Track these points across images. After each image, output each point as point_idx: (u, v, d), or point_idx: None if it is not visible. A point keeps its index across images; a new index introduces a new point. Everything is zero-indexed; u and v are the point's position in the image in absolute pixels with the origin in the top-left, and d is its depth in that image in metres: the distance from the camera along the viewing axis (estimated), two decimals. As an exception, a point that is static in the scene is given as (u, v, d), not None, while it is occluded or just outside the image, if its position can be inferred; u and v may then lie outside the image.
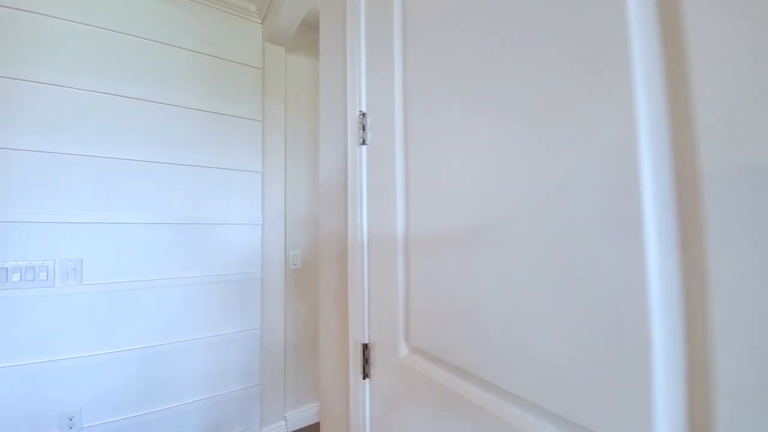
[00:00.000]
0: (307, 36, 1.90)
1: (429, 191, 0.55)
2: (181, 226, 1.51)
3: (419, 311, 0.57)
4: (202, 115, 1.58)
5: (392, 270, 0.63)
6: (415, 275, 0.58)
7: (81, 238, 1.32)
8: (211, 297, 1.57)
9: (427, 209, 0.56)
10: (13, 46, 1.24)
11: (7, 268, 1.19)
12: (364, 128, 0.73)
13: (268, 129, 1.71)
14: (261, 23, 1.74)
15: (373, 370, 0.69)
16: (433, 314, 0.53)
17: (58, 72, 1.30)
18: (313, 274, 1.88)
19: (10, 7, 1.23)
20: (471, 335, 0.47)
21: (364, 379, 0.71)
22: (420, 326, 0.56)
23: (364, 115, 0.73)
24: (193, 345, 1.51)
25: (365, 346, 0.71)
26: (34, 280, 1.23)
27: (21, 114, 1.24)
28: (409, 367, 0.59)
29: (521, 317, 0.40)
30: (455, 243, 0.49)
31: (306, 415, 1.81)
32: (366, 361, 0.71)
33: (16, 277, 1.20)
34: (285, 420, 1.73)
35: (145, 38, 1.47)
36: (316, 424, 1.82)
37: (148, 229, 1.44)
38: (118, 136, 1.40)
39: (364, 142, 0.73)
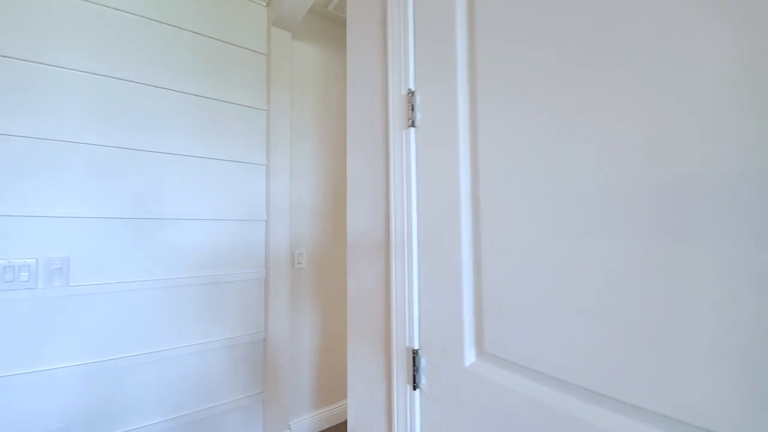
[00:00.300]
0: (314, 22, 1.80)
1: (513, 177, 0.48)
2: (180, 222, 1.38)
3: (500, 313, 0.49)
4: (203, 101, 1.46)
5: (454, 266, 0.55)
6: (493, 271, 0.50)
7: (68, 234, 1.18)
8: (212, 299, 1.45)
9: (510, 194, 0.48)
10: (-10, 16, 1.09)
11: (-19, 268, 1.05)
12: (413, 108, 0.65)
13: (273, 119, 1.59)
14: (266, 6, 1.62)
15: (425, 380, 0.61)
16: (526, 317, 0.46)
17: (43, 49, 1.16)
18: (319, 274, 1.78)
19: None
20: (601, 342, 0.39)
21: (414, 390, 0.63)
22: (501, 331, 0.49)
23: (412, 93, 0.65)
24: (194, 350, 1.39)
25: (415, 353, 0.63)
26: (13, 281, 1.09)
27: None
28: (481, 378, 0.51)
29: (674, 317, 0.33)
30: (565, 231, 0.42)
31: (314, 422, 1.71)
32: (416, 369, 0.63)
33: (-8, 278, 1.06)
34: (290, 429, 1.63)
35: (139, 15, 1.33)
36: (324, 430, 1.72)
37: (143, 225, 1.31)
38: (110, 122, 1.26)
39: (413, 124, 0.65)
